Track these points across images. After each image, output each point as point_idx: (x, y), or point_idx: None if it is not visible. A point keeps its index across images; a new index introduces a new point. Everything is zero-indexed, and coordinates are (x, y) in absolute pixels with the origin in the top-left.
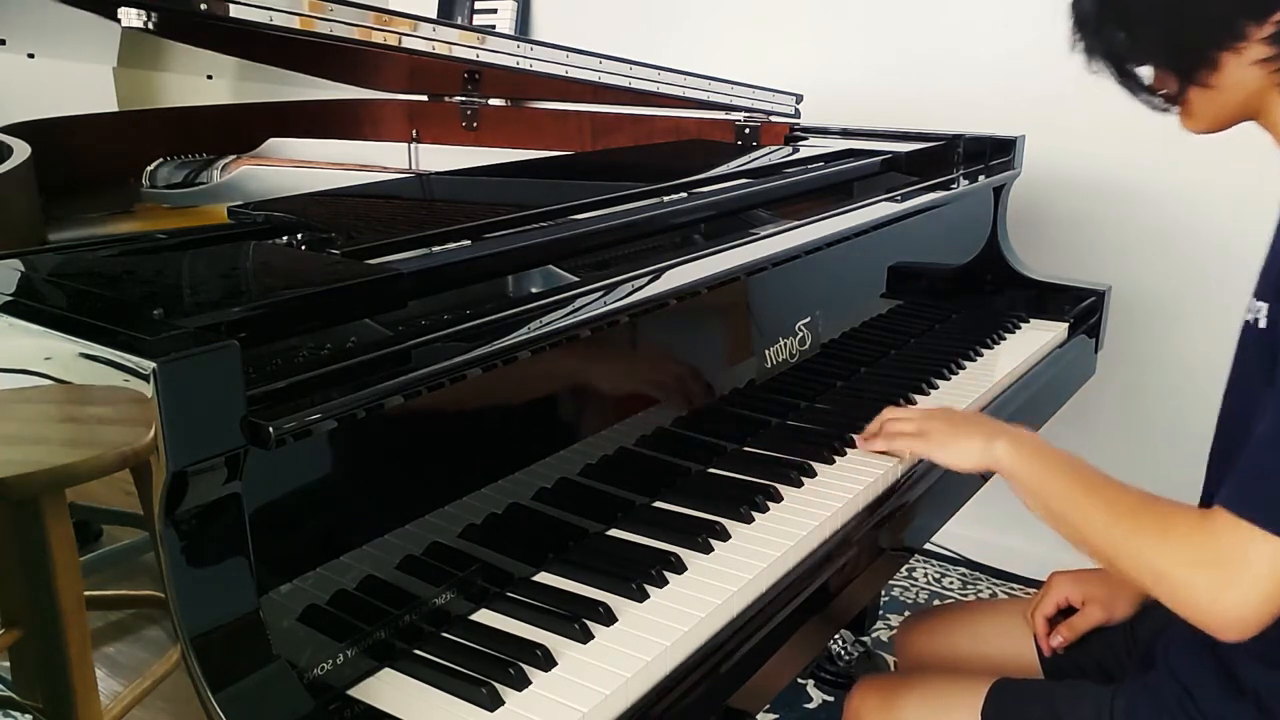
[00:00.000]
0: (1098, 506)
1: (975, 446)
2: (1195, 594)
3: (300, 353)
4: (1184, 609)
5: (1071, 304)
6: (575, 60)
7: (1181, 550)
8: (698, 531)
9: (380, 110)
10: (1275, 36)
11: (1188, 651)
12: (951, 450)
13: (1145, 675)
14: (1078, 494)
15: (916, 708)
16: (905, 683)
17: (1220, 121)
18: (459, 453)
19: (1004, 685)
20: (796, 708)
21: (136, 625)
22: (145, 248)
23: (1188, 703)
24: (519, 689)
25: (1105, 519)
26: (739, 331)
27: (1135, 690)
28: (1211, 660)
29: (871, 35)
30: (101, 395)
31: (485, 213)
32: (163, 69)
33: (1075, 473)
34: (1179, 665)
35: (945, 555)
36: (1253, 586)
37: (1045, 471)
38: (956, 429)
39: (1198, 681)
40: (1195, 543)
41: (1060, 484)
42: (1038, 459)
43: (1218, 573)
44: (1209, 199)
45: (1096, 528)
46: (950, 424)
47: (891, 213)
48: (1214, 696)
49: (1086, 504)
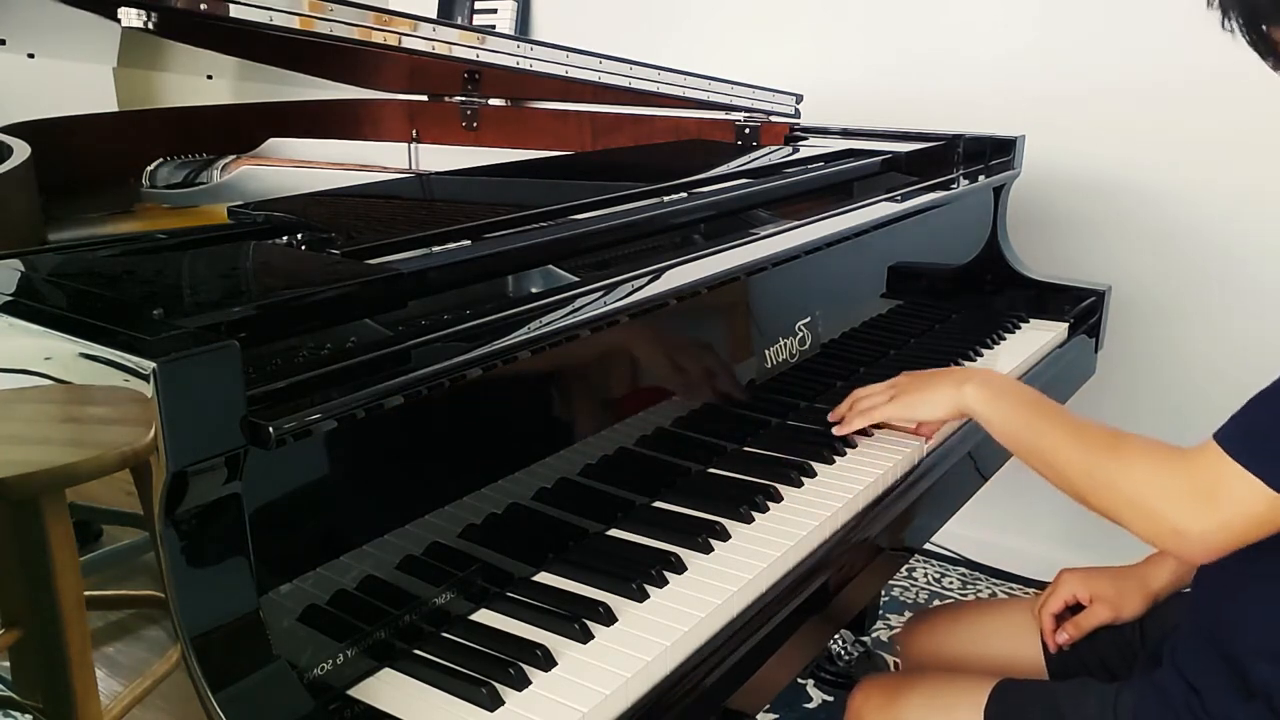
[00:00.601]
0: (1070, 437)
1: (945, 394)
2: (1171, 515)
3: (300, 353)
4: (1154, 529)
5: (1071, 304)
6: (575, 60)
7: (1163, 474)
8: (698, 531)
9: (380, 110)
10: None
11: (1196, 651)
12: (924, 403)
13: (1151, 674)
14: (1049, 426)
15: (919, 707)
16: (908, 682)
17: None
18: (459, 453)
19: (1007, 685)
20: (796, 708)
21: (136, 625)
22: (145, 248)
23: (1195, 702)
24: (519, 689)
25: (1078, 448)
26: (739, 331)
27: (1141, 689)
28: (1220, 660)
29: (872, 35)
30: (101, 395)
31: (485, 213)
32: (163, 69)
33: (1045, 406)
34: (1186, 665)
35: (945, 555)
36: (1226, 517)
37: (1014, 408)
38: (925, 384)
39: (1206, 681)
40: (1179, 469)
41: (1031, 418)
42: (1006, 396)
43: (1197, 499)
44: (1209, 199)
45: (1069, 457)
46: (917, 380)
47: (891, 213)
48: (1222, 697)
49: (1058, 435)
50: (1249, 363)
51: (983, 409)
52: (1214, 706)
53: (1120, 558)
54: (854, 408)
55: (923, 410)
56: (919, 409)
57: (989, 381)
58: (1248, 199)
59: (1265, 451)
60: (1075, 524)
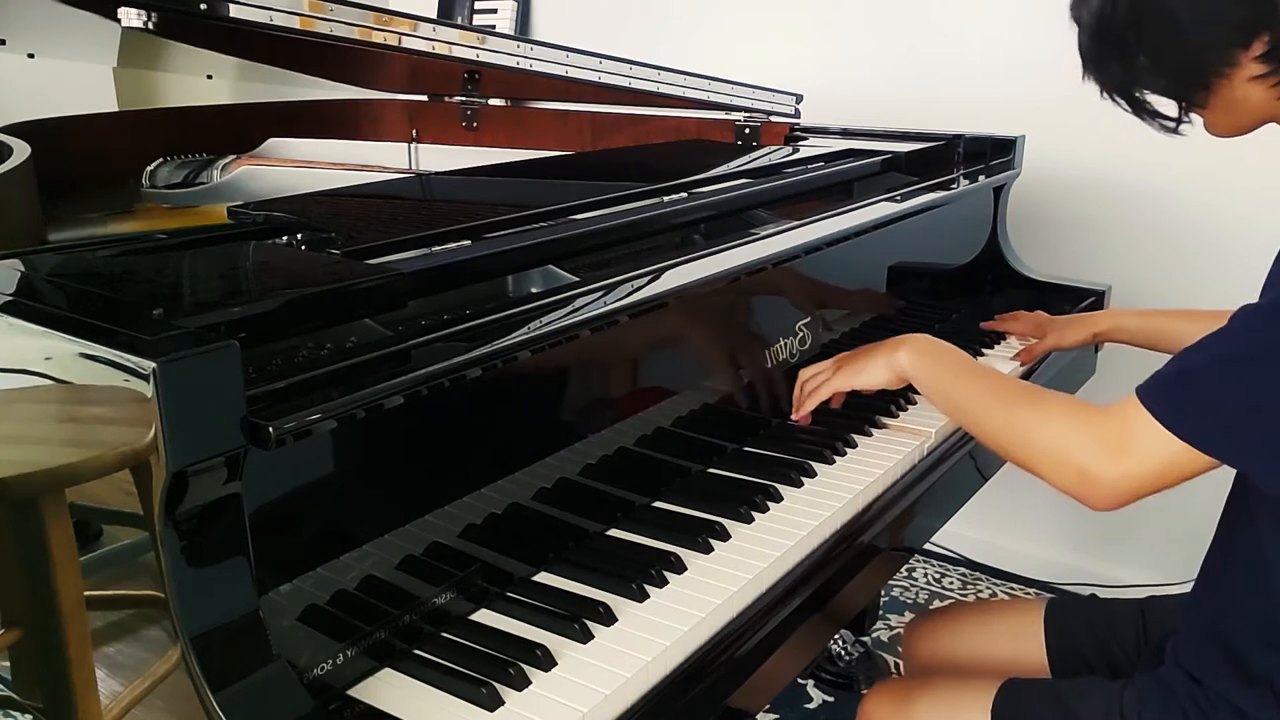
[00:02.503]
0: (992, 393)
1: (882, 361)
2: (1080, 459)
3: (300, 353)
4: (1064, 474)
5: (1072, 304)
6: (575, 60)
7: (1077, 423)
8: (698, 531)
9: (380, 110)
10: (1266, 55)
11: (1197, 645)
12: (865, 373)
13: (1155, 671)
14: (973, 382)
15: (928, 710)
16: (918, 685)
17: (1237, 130)
18: (459, 453)
19: (1013, 685)
20: (796, 708)
21: (136, 625)
22: (145, 248)
23: (1198, 693)
24: (519, 689)
25: (999, 402)
26: (739, 331)
27: (1145, 685)
28: (1220, 651)
29: (872, 35)
30: (101, 395)
31: (485, 213)
32: (163, 69)
33: (973, 366)
34: (1188, 659)
35: (945, 555)
36: (1133, 464)
37: (943, 368)
38: (865, 355)
39: (1208, 672)
40: (1094, 419)
41: (958, 377)
42: (937, 356)
43: (1107, 445)
44: (1209, 199)
45: (992, 411)
46: (858, 353)
47: (891, 213)
48: (1225, 685)
49: (981, 390)
50: None
51: (915, 371)
52: (1216, 695)
53: (1121, 557)
54: (803, 389)
55: (864, 377)
56: (863, 379)
57: (921, 345)
58: (1248, 199)
59: (1175, 400)
60: (1075, 524)
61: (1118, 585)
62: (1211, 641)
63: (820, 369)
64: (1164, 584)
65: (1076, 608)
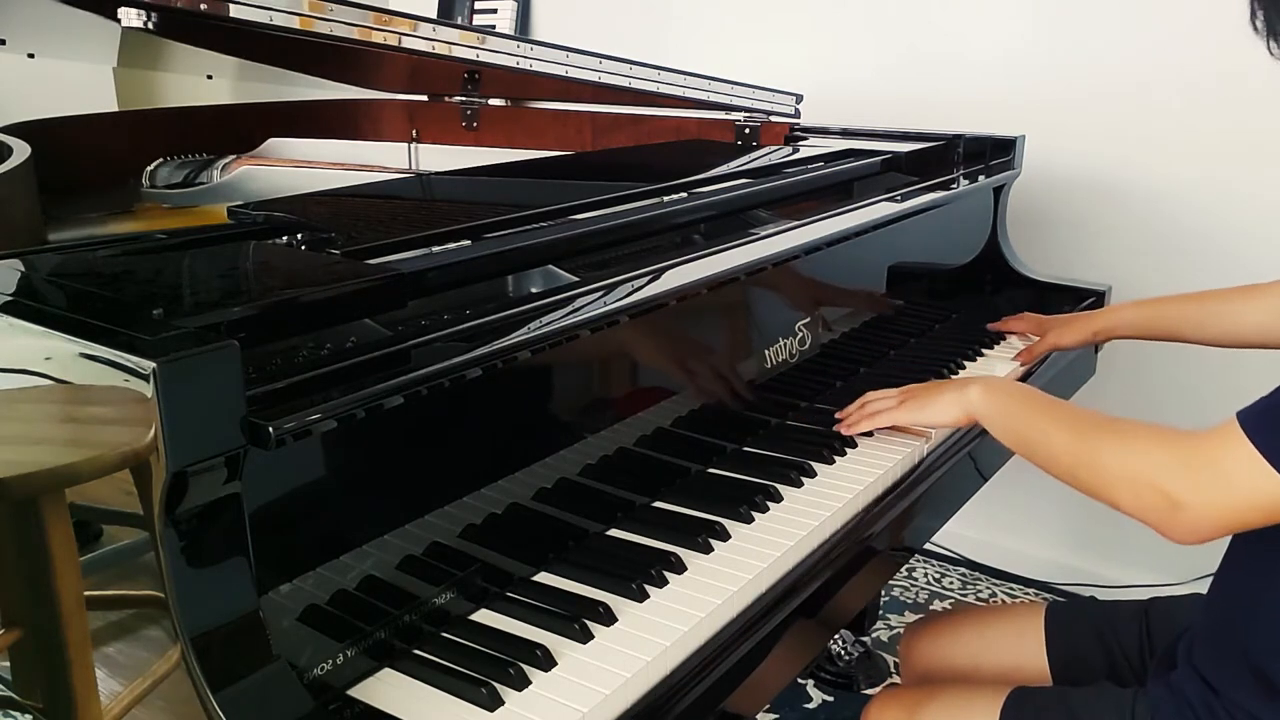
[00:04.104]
0: (1069, 422)
1: (952, 399)
2: (1169, 486)
3: (300, 353)
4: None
5: (1072, 304)
6: (575, 60)
7: (1165, 447)
8: (698, 531)
9: (380, 110)
10: None
11: (1214, 652)
12: (931, 409)
13: (1167, 676)
14: (1048, 414)
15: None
16: (924, 694)
17: None
18: (459, 453)
19: (1022, 693)
20: (796, 708)
21: (136, 625)
22: (145, 248)
23: (1214, 702)
24: (519, 689)
25: (1072, 431)
26: (739, 331)
27: (1157, 692)
28: (1240, 661)
29: (872, 35)
30: (101, 395)
31: (485, 213)
32: (163, 69)
33: (1047, 399)
34: (1204, 665)
35: (945, 555)
36: (1227, 494)
37: (1016, 401)
38: (933, 391)
39: (1225, 681)
40: (1185, 443)
41: (1032, 410)
42: (1008, 393)
43: (1200, 471)
44: (1209, 199)
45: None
46: (926, 389)
47: (891, 213)
48: (1243, 696)
49: (1057, 421)
50: (1248, 364)
51: (986, 408)
52: (1234, 707)
53: (1122, 558)
54: (864, 409)
55: (932, 416)
56: (929, 415)
57: (992, 383)
58: (1248, 199)
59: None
60: (1075, 524)
61: (1119, 586)
62: (1229, 650)
63: (887, 395)
64: (1166, 584)
65: (1078, 611)
